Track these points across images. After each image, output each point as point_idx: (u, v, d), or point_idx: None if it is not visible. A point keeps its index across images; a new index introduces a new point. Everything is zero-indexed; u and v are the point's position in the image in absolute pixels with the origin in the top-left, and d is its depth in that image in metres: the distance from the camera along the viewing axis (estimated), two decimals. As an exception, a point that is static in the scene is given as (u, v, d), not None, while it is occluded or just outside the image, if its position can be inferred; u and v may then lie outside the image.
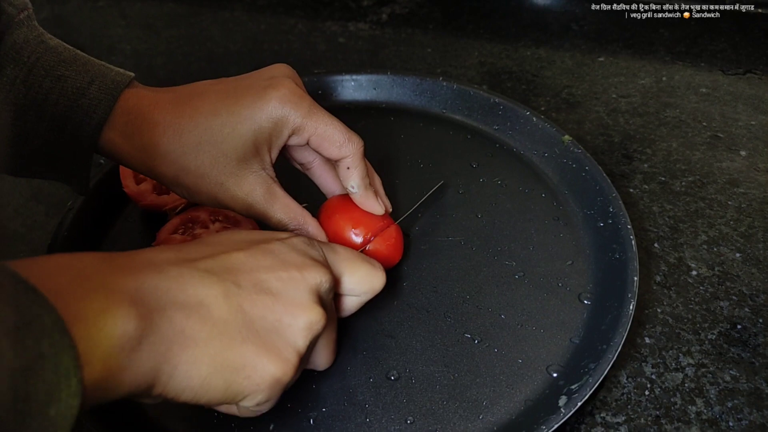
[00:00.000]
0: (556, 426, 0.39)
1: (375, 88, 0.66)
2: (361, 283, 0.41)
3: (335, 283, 0.40)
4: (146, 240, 0.52)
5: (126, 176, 0.54)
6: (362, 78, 0.66)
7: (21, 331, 0.24)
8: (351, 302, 0.42)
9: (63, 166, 0.45)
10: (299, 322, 0.35)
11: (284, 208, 0.45)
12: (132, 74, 0.45)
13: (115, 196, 0.55)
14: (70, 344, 0.25)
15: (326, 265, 0.39)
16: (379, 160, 0.55)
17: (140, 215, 0.56)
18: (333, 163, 0.47)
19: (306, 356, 0.37)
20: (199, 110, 0.43)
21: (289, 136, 0.44)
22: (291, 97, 0.43)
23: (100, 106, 0.42)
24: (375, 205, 0.48)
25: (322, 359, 0.41)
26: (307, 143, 0.45)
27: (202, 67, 0.77)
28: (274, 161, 0.45)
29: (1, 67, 0.42)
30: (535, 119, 0.60)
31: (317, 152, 0.46)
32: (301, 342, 0.35)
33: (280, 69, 0.46)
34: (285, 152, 0.49)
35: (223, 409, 0.37)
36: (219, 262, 0.35)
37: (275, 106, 0.43)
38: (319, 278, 0.37)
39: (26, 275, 0.25)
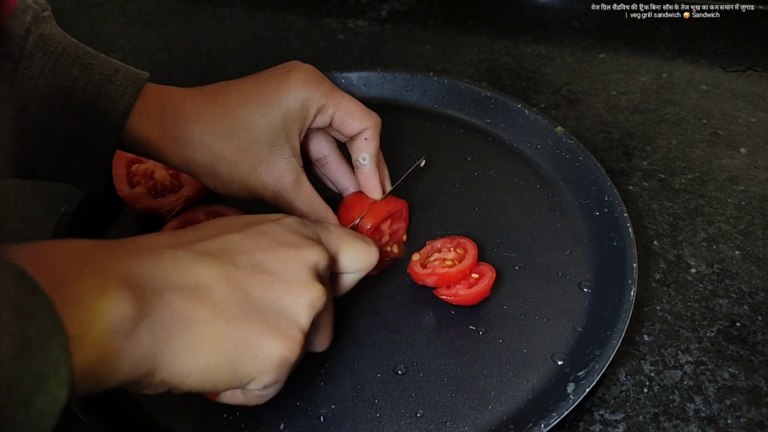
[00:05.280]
0: (566, 413, 0.39)
1: (365, 86, 0.65)
2: (356, 259, 0.41)
3: (332, 261, 0.40)
4: None
5: (120, 180, 0.53)
6: (353, 75, 0.65)
7: (6, 315, 0.23)
8: (347, 280, 0.42)
9: (82, 162, 0.45)
10: (301, 300, 0.35)
11: (309, 199, 0.46)
12: (147, 73, 0.46)
13: (109, 200, 0.55)
14: (60, 329, 0.25)
15: (321, 244, 0.39)
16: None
17: (135, 219, 0.55)
18: (349, 142, 0.49)
19: (309, 335, 0.37)
20: (230, 99, 0.45)
21: (315, 116, 0.46)
22: (313, 77, 0.46)
23: (126, 93, 0.43)
24: (376, 183, 0.49)
25: (320, 340, 0.41)
26: (330, 123, 0.47)
27: (202, 63, 0.77)
28: (300, 142, 0.47)
29: (29, 55, 0.42)
30: (527, 112, 0.61)
31: (338, 130, 0.48)
32: (304, 319, 0.35)
33: (297, 62, 0.48)
34: (302, 148, 0.49)
35: (228, 397, 0.37)
36: (215, 244, 0.35)
37: (299, 87, 0.45)
38: (316, 256, 0.37)
39: (18, 259, 0.25)
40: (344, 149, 0.52)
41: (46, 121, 0.43)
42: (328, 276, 0.40)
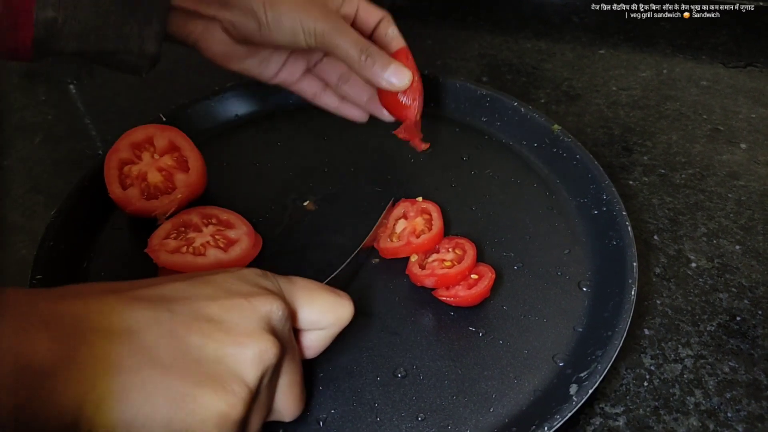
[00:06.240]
0: (569, 415, 0.39)
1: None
2: (324, 313, 0.38)
3: (292, 315, 0.36)
4: (136, 247, 0.50)
5: (111, 181, 0.52)
6: None
7: None
8: (316, 337, 0.38)
9: (145, 6, 0.44)
10: (246, 352, 0.31)
11: (358, 34, 0.47)
12: None
13: (101, 202, 0.53)
14: None
15: (280, 295, 0.35)
16: (368, 156, 0.55)
17: (128, 221, 0.54)
18: (373, 33, 0.52)
19: (261, 395, 0.34)
20: None
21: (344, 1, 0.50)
22: None
23: None
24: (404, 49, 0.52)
25: (286, 406, 0.37)
26: (356, 14, 0.51)
27: (204, 60, 0.77)
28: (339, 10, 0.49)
29: None
30: (523, 110, 0.60)
31: (363, 19, 0.51)
32: (250, 374, 0.31)
33: None
34: (318, 74, 0.54)
35: None
36: (152, 291, 0.32)
37: None
38: (269, 306, 0.33)
39: None
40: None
41: None
42: (288, 331, 0.36)
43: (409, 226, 0.50)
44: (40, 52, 0.43)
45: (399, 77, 0.48)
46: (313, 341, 0.38)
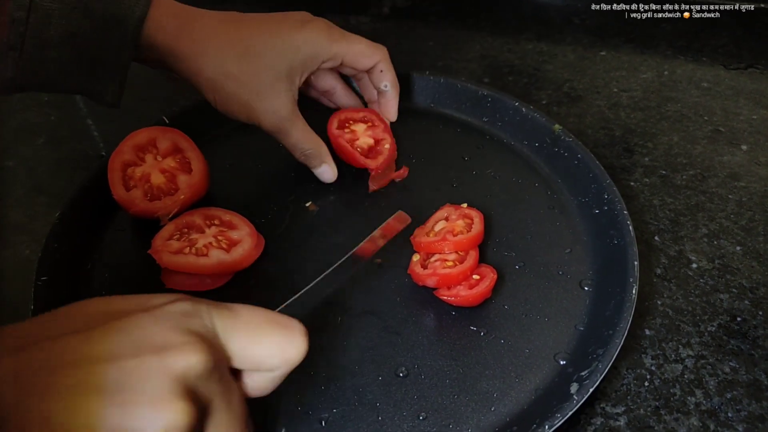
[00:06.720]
0: (570, 413, 0.39)
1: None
2: (268, 355, 0.31)
3: (227, 357, 0.30)
4: (139, 248, 0.51)
5: (115, 183, 0.52)
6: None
7: None
8: (261, 379, 0.32)
9: (102, 72, 0.47)
10: (151, 426, 0.25)
11: (304, 128, 0.53)
12: None
13: (105, 204, 0.54)
14: None
15: (207, 341, 0.28)
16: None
17: (131, 223, 0.55)
18: (367, 74, 0.56)
19: None
20: (245, 25, 0.50)
21: (323, 63, 0.53)
22: (324, 27, 0.52)
23: (140, 2, 0.46)
24: (396, 107, 0.58)
25: None
26: (342, 64, 0.54)
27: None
28: (299, 86, 0.53)
29: None
30: (524, 110, 0.60)
31: (352, 68, 0.55)
32: None
33: (309, 14, 0.53)
34: (308, 82, 0.57)
35: None
36: (34, 355, 0.25)
37: (313, 39, 0.51)
38: (186, 362, 0.27)
39: None
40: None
41: (68, 31, 0.44)
42: (216, 383, 0.29)
43: (448, 226, 0.50)
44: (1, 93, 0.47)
45: (324, 178, 0.56)
46: (258, 383, 0.32)
